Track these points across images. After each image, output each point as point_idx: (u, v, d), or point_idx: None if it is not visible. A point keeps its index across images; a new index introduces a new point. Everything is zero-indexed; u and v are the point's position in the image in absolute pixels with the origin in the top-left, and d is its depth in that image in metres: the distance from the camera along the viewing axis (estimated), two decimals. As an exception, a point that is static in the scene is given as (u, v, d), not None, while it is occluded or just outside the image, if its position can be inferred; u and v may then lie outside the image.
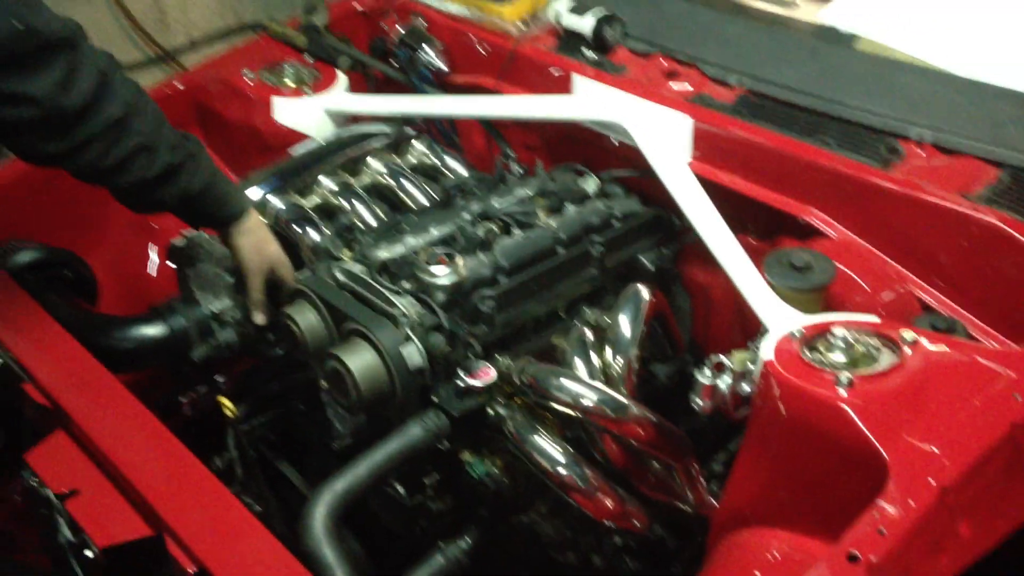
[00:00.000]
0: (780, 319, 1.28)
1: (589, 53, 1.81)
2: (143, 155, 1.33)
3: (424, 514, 1.45)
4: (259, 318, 1.57)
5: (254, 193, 1.72)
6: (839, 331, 1.19)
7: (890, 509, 1.00)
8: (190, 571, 1.12)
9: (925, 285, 1.40)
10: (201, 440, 1.45)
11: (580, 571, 1.52)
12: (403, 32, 1.96)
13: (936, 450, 1.04)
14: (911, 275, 1.40)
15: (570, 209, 1.62)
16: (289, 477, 1.68)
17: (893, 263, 1.42)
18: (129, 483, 1.21)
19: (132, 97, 1.31)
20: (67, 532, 1.21)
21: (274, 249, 1.54)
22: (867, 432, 1.06)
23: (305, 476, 1.67)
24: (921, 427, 1.06)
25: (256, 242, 1.52)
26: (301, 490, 1.64)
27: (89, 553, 1.19)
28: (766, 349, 1.20)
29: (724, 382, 1.27)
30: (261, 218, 1.56)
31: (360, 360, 1.36)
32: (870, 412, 1.08)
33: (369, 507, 1.50)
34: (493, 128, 1.89)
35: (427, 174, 1.84)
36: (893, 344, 1.18)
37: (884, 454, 1.04)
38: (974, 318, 1.34)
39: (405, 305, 1.39)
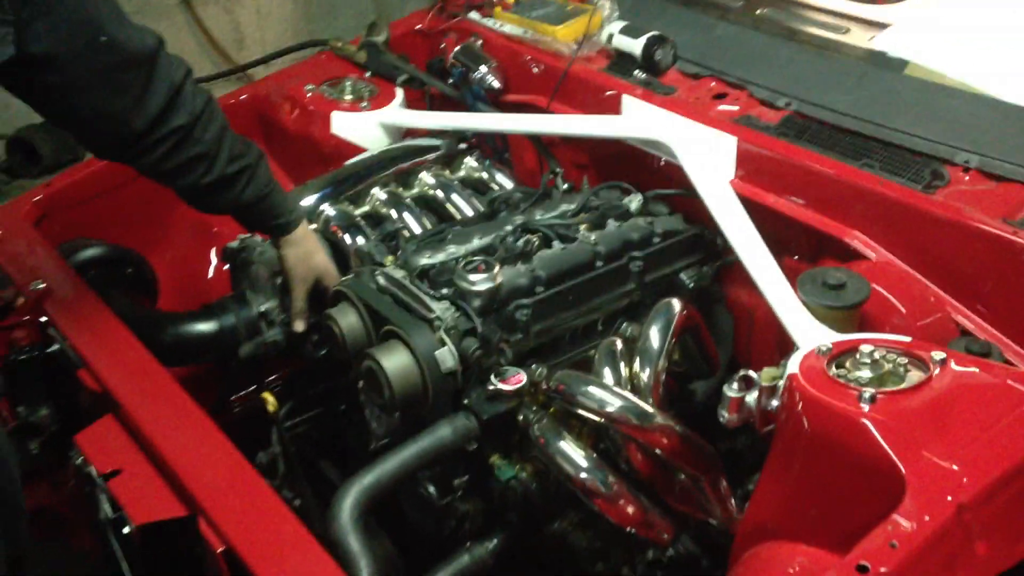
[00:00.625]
0: (810, 336, 1.28)
1: (640, 74, 1.84)
2: (203, 163, 1.42)
3: (453, 515, 1.47)
4: (299, 325, 1.65)
5: (308, 200, 1.79)
6: (867, 348, 1.18)
7: (904, 523, 0.99)
8: (218, 550, 1.17)
9: (965, 309, 1.38)
10: (248, 438, 1.51)
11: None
12: (459, 51, 2.01)
13: (956, 467, 1.03)
14: (951, 299, 1.39)
15: (611, 225, 1.64)
16: (329, 476, 1.73)
17: (933, 287, 1.41)
18: (168, 465, 1.27)
19: (200, 108, 1.39)
20: (107, 509, 1.27)
21: (320, 260, 1.61)
22: (886, 447, 1.06)
23: (345, 476, 1.72)
24: (942, 444, 1.06)
25: (303, 253, 1.59)
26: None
27: (126, 529, 1.24)
28: (793, 364, 1.20)
29: (752, 397, 1.28)
30: (312, 228, 1.63)
31: (394, 360, 1.40)
32: (891, 428, 1.07)
33: (402, 508, 1.54)
34: (542, 144, 1.93)
35: (476, 188, 1.89)
36: (922, 364, 1.17)
37: (902, 469, 1.04)
38: (1013, 343, 1.32)
39: (441, 310, 1.43)
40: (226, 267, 1.78)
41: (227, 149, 1.43)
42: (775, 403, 1.25)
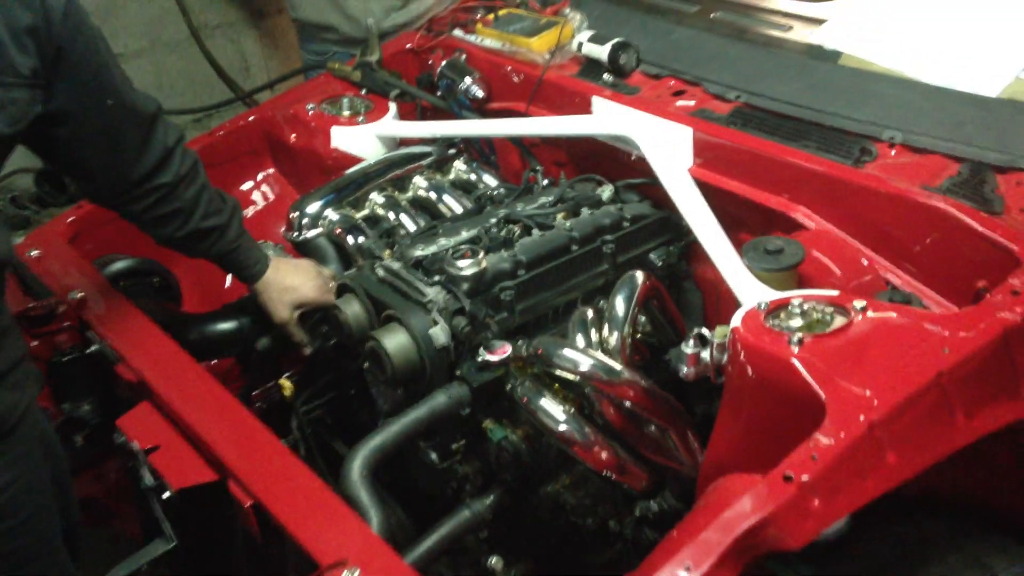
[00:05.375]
0: (753, 295, 1.46)
1: (607, 77, 2.02)
2: (179, 217, 1.59)
3: (454, 477, 1.65)
4: (307, 350, 1.82)
5: (313, 207, 1.98)
6: (797, 302, 1.36)
7: (823, 440, 1.16)
8: (247, 504, 1.36)
9: (894, 268, 1.55)
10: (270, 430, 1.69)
11: (598, 535, 1.70)
12: (445, 65, 2.21)
13: (868, 393, 1.20)
14: (881, 259, 1.56)
15: (585, 213, 1.82)
16: (342, 455, 1.91)
17: (865, 249, 1.58)
18: (199, 438, 1.45)
19: (186, 170, 1.57)
20: (149, 478, 1.46)
21: (296, 296, 1.74)
22: (809, 379, 1.23)
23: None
24: (858, 375, 1.23)
25: (276, 295, 1.74)
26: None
27: (166, 494, 1.43)
28: (736, 319, 1.38)
29: (706, 353, 1.46)
30: (287, 265, 1.76)
31: (394, 340, 1.58)
32: (814, 364, 1.24)
33: (408, 474, 1.72)
34: (523, 145, 2.12)
35: (465, 188, 2.07)
36: (846, 311, 1.34)
37: (823, 396, 1.21)
38: (933, 293, 1.49)
39: (433, 293, 1.62)
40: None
41: (203, 207, 1.60)
42: (726, 357, 1.43)
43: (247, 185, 2.30)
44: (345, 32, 2.75)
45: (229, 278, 2.22)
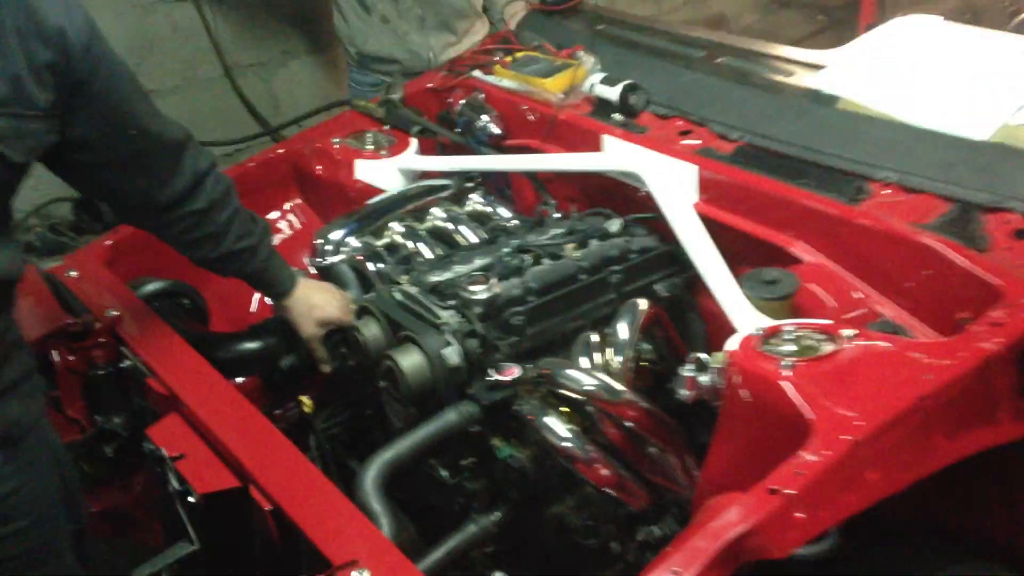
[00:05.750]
0: (749, 323, 1.54)
1: (617, 117, 2.13)
2: (211, 240, 1.68)
3: (462, 493, 1.73)
4: (326, 368, 1.90)
5: (336, 234, 2.09)
6: (790, 329, 1.45)
7: (808, 456, 1.24)
8: (267, 508, 1.44)
9: (883, 299, 1.63)
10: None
11: (600, 555, 1.77)
12: (464, 103, 2.32)
13: (853, 414, 1.28)
14: (872, 291, 1.64)
15: (593, 244, 1.91)
16: (356, 471, 1.99)
17: (859, 282, 1.66)
18: (223, 447, 1.54)
19: (219, 196, 1.65)
20: (175, 483, 1.55)
21: (322, 313, 1.83)
22: (797, 401, 1.31)
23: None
24: (844, 397, 1.30)
25: (304, 310, 1.83)
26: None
27: (191, 499, 1.52)
28: (732, 343, 1.46)
29: (704, 377, 1.54)
30: (314, 282, 1.87)
31: (409, 359, 1.67)
32: (803, 386, 1.32)
33: (418, 490, 1.80)
34: (537, 180, 2.22)
35: (481, 220, 2.17)
36: (836, 339, 1.42)
37: (810, 416, 1.29)
38: (921, 324, 1.57)
39: (447, 316, 1.71)
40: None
41: (235, 231, 1.69)
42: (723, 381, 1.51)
43: (274, 214, 2.41)
44: (407, 65, 2.98)
45: (255, 301, 2.34)
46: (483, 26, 3.12)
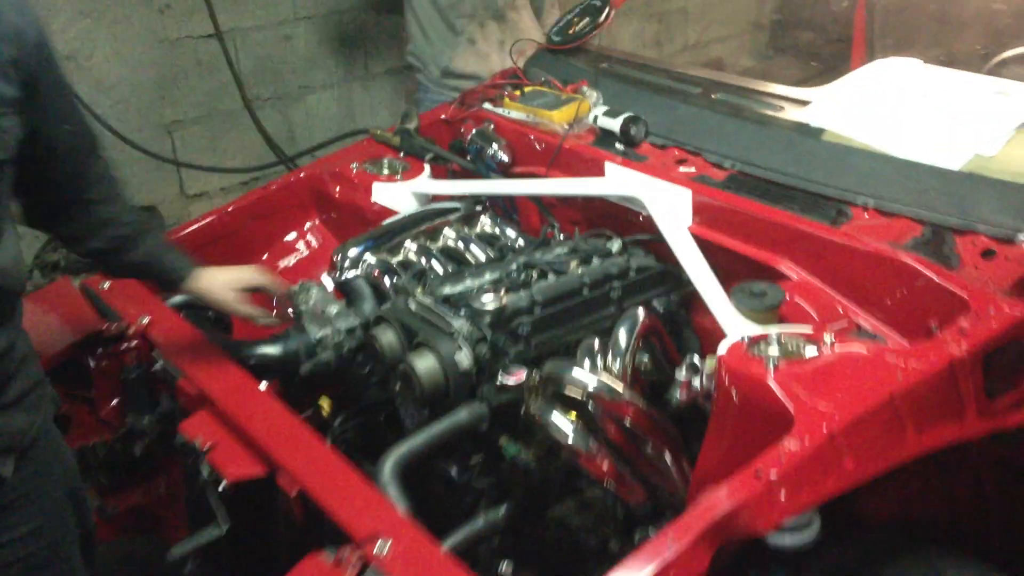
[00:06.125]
0: (738, 330, 1.68)
1: (619, 146, 2.28)
2: (112, 229, 1.69)
3: (471, 491, 1.85)
4: (263, 321, 1.91)
5: (354, 251, 2.22)
6: (775, 335, 1.58)
7: (790, 445, 1.37)
8: (292, 492, 1.56)
9: (862, 312, 1.77)
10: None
11: (599, 553, 1.88)
12: (476, 133, 2.48)
13: (830, 408, 1.41)
14: (852, 305, 1.78)
15: (595, 262, 2.05)
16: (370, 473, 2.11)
17: (840, 298, 1.80)
18: (251, 438, 1.66)
19: (120, 189, 1.70)
20: (206, 472, 1.67)
21: (230, 276, 1.85)
22: (781, 397, 1.44)
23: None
24: (823, 394, 1.43)
25: (209, 283, 1.83)
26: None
27: (222, 486, 1.64)
28: (722, 348, 1.59)
29: (697, 381, 1.68)
30: (214, 268, 1.86)
31: (424, 363, 1.80)
32: (786, 384, 1.45)
33: (428, 491, 1.91)
34: (542, 204, 2.37)
35: (489, 241, 2.31)
36: (817, 344, 1.56)
37: (792, 410, 1.42)
38: (896, 334, 1.70)
39: (459, 324, 1.84)
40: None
41: (130, 220, 1.72)
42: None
43: (293, 235, 2.56)
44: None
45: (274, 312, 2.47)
46: None
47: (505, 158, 2.43)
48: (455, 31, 3.35)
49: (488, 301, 1.85)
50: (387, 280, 2.17)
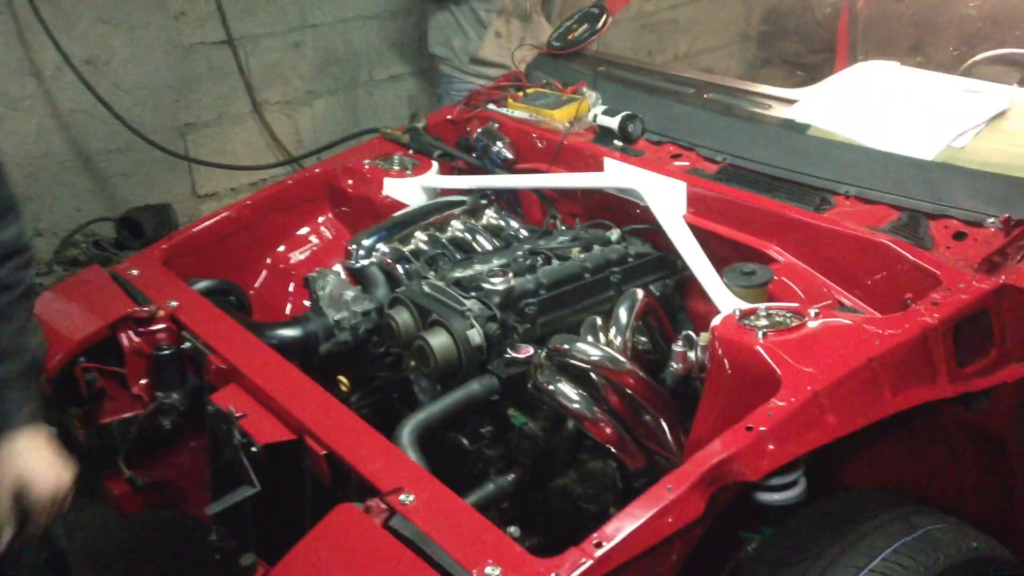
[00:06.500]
0: (729, 306, 1.82)
1: (617, 143, 2.43)
2: None
3: (481, 458, 1.98)
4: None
5: (367, 241, 2.36)
6: (763, 309, 1.72)
7: (777, 403, 1.51)
8: (321, 453, 1.69)
9: (847, 293, 1.91)
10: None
11: (599, 519, 2.01)
12: (481, 131, 2.62)
13: (814, 370, 1.55)
14: (835, 285, 1.93)
15: (596, 249, 2.20)
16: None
17: (824, 278, 1.95)
18: (279, 405, 1.79)
19: (13, 280, 1.52)
20: (239, 436, 1.79)
21: (22, 468, 1.54)
22: (770, 361, 1.58)
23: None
24: (807, 358, 1.57)
25: (3, 456, 1.54)
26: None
27: (254, 449, 1.76)
28: (715, 321, 1.74)
29: (692, 353, 1.82)
30: (41, 444, 1.59)
31: (438, 339, 1.93)
32: (774, 351, 1.59)
33: (441, 460, 2.04)
34: (544, 196, 2.51)
35: (494, 232, 2.45)
36: (802, 316, 1.70)
37: (779, 373, 1.56)
38: (875, 312, 1.85)
39: (470, 304, 1.98)
40: (305, 287, 2.34)
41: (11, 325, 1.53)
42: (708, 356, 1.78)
43: (307, 229, 2.69)
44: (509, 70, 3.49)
45: (289, 306, 2.61)
46: None
47: (509, 155, 2.57)
48: (483, 24, 3.73)
49: (497, 283, 1.99)
50: (399, 268, 2.30)
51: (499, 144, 2.57)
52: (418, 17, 3.88)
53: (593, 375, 1.82)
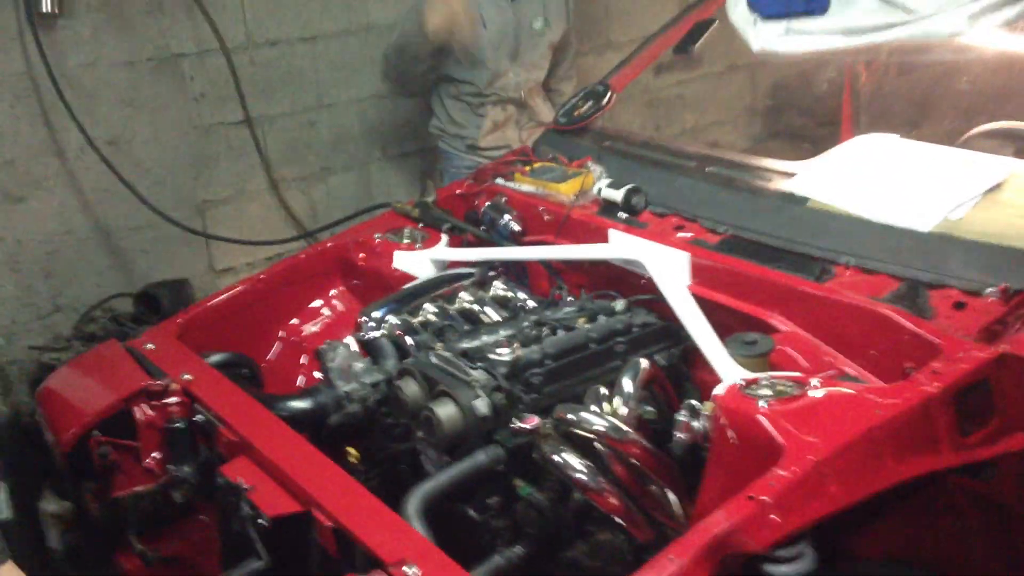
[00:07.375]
0: (733, 375, 1.84)
1: (621, 215, 2.48)
2: None
3: (487, 530, 1.98)
4: None
5: (377, 313, 2.40)
6: (766, 379, 1.74)
7: (780, 472, 1.52)
8: (328, 525, 1.71)
9: (850, 362, 1.92)
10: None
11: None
12: (489, 205, 2.68)
13: (816, 440, 1.57)
14: (837, 354, 1.95)
15: (601, 319, 2.23)
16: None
17: (826, 347, 1.97)
18: (287, 476, 1.81)
19: None
20: (247, 509, 1.81)
21: None
22: (772, 430, 1.60)
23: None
24: (809, 428, 1.59)
25: None
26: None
27: (261, 521, 1.78)
28: (718, 391, 1.76)
29: (697, 423, 1.84)
30: None
31: (445, 410, 1.96)
32: (776, 420, 1.61)
33: (449, 531, 2.05)
34: (551, 268, 2.55)
35: (502, 303, 2.49)
36: (804, 386, 1.72)
37: (781, 442, 1.58)
38: (876, 379, 1.86)
39: (477, 375, 2.01)
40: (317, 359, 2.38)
41: None
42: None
43: (319, 302, 2.74)
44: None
45: (301, 379, 2.64)
46: None
47: (516, 227, 2.62)
48: (479, 115, 3.83)
49: (504, 354, 2.02)
50: (408, 339, 2.34)
51: (507, 217, 2.62)
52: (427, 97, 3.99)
53: (598, 445, 1.83)
